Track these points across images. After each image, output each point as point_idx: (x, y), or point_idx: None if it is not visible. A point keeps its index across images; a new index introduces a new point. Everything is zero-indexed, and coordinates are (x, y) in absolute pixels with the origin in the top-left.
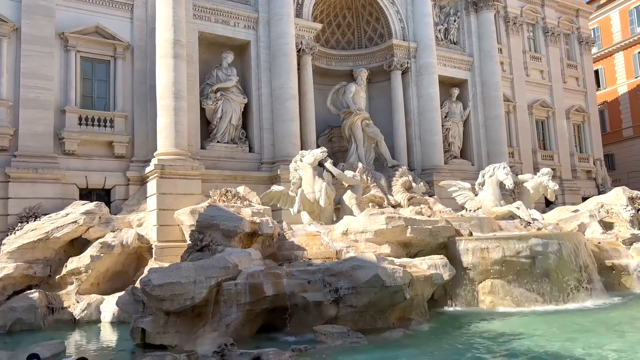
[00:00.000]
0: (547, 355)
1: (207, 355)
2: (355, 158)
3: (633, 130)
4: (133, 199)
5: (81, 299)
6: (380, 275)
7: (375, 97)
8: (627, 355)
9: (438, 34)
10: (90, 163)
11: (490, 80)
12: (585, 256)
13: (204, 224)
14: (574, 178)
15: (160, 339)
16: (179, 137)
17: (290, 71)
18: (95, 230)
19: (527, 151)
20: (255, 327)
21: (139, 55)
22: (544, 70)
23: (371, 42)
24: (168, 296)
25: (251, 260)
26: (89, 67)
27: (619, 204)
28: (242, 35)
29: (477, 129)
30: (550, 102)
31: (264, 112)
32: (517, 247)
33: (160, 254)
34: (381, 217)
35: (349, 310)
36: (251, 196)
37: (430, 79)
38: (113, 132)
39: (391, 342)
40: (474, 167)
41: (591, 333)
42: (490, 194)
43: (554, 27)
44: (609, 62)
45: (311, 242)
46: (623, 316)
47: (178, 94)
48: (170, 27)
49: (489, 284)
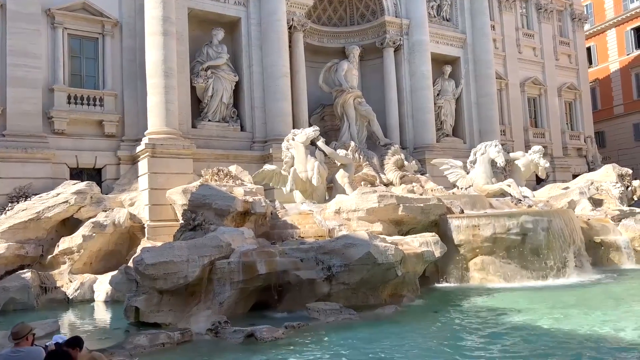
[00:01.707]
0: (536, 329)
1: (201, 332)
2: (347, 137)
3: (624, 108)
4: (124, 179)
5: (74, 279)
6: (373, 253)
7: (368, 75)
8: (613, 327)
9: (431, 10)
10: (81, 142)
11: (482, 58)
12: (575, 233)
13: (196, 203)
14: (564, 155)
15: (154, 317)
16: (170, 115)
17: (282, 48)
18: (87, 209)
19: (518, 129)
20: (248, 305)
21: (128, 33)
22: (536, 47)
23: (363, 18)
24: (161, 275)
25: (244, 239)
26: (77, 44)
27: (608, 181)
28: (233, 12)
29: (470, 107)
30: (543, 80)
31: (256, 90)
32: (508, 224)
33: (152, 233)
34: (373, 195)
35: (341, 288)
36: (243, 175)
37: (423, 56)
38: (103, 111)
39: (383, 318)
40: (465, 145)
41: (579, 308)
42: (482, 172)
43: (547, 4)
44: (601, 39)
45: (304, 220)
46: (609, 291)
47: (168, 72)
48: (159, 4)
49: (480, 261)
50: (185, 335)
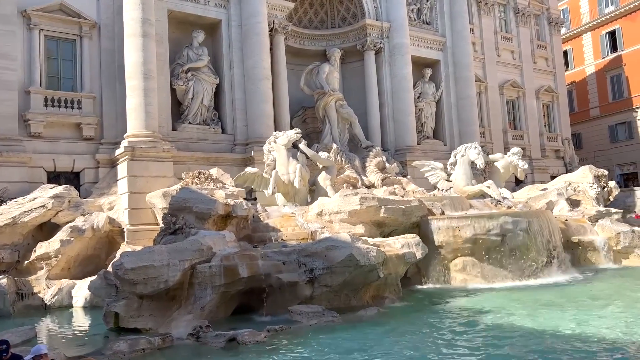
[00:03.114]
0: (516, 329)
1: (182, 337)
2: (329, 139)
3: (600, 110)
4: (103, 182)
5: (52, 284)
6: (355, 255)
7: (349, 78)
8: (591, 325)
9: (411, 13)
10: (58, 145)
11: (462, 61)
12: (553, 233)
13: (177, 206)
14: (543, 157)
15: (134, 323)
16: (150, 118)
17: (263, 51)
18: (65, 214)
19: (497, 131)
20: (230, 309)
21: (107, 34)
22: (514, 50)
23: (344, 21)
24: (141, 280)
25: (225, 243)
26: (53, 46)
27: (585, 182)
28: (213, 14)
29: (450, 109)
30: (521, 83)
31: (237, 92)
32: (488, 226)
33: (132, 237)
34: (355, 197)
35: (323, 290)
36: (225, 178)
37: (403, 59)
38: (81, 113)
39: (365, 320)
40: (446, 147)
41: (556, 307)
42: (462, 174)
43: (524, 8)
44: (577, 42)
45: (286, 223)
46: (586, 291)
47: (148, 74)
48: (138, 5)
49: (461, 262)
50: (166, 341)
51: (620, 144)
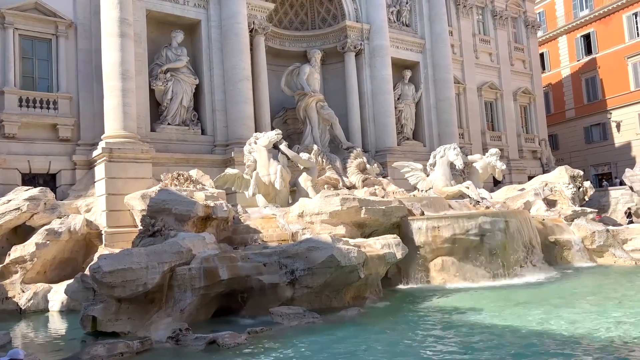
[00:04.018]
0: (494, 327)
1: (161, 340)
2: (310, 140)
3: (575, 112)
4: (80, 184)
5: (27, 288)
6: (336, 256)
7: (330, 79)
8: (567, 322)
9: (391, 15)
10: (33, 147)
11: (441, 63)
12: (531, 233)
13: (156, 208)
14: (520, 158)
15: (112, 327)
16: (128, 119)
17: (243, 51)
18: (41, 216)
19: (476, 132)
20: (210, 311)
21: (83, 34)
22: (492, 53)
23: (324, 23)
24: (119, 283)
25: (205, 245)
26: (29, 45)
27: (561, 182)
28: (192, 14)
29: (429, 110)
30: (499, 84)
31: (217, 93)
32: (467, 226)
33: (110, 239)
34: (336, 198)
35: (305, 291)
36: (204, 179)
37: (384, 61)
38: (57, 114)
39: (346, 320)
40: (425, 148)
41: (535, 305)
42: (441, 174)
43: (502, 11)
44: (553, 45)
45: (267, 224)
46: (564, 288)
47: (125, 74)
48: (116, 5)
49: (440, 262)
50: (145, 344)
51: (595, 145)
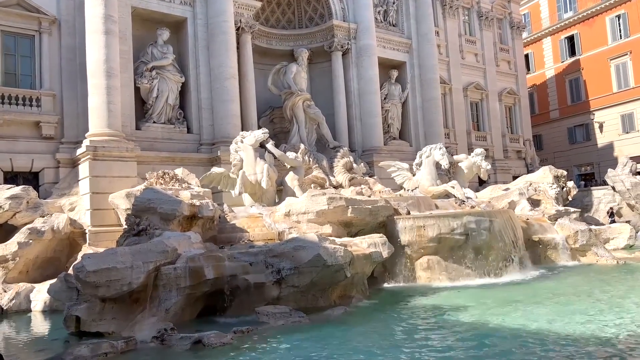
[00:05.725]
0: (479, 326)
1: (146, 340)
2: (297, 139)
3: (559, 113)
4: (64, 182)
5: (9, 288)
6: (322, 255)
7: (317, 78)
8: (550, 320)
9: (377, 15)
10: (15, 145)
11: (427, 63)
12: (515, 232)
13: (141, 207)
14: (505, 158)
15: (96, 327)
16: (112, 117)
17: (230, 50)
18: (23, 215)
19: (462, 132)
20: (196, 311)
21: (67, 31)
22: (478, 53)
23: (312, 22)
24: (103, 282)
25: (191, 244)
26: (11, 42)
27: (545, 182)
28: (179, 12)
29: (415, 110)
30: (484, 85)
31: (203, 91)
32: (452, 225)
33: (94, 239)
34: (323, 197)
35: (291, 291)
36: (190, 178)
37: (370, 60)
38: (40, 112)
39: (333, 320)
40: (412, 148)
41: (520, 304)
42: (427, 174)
43: (487, 12)
44: (538, 46)
45: (253, 224)
46: (548, 287)
47: (110, 72)
48: (101, 2)
49: (426, 261)
50: (130, 344)
51: (578, 145)
